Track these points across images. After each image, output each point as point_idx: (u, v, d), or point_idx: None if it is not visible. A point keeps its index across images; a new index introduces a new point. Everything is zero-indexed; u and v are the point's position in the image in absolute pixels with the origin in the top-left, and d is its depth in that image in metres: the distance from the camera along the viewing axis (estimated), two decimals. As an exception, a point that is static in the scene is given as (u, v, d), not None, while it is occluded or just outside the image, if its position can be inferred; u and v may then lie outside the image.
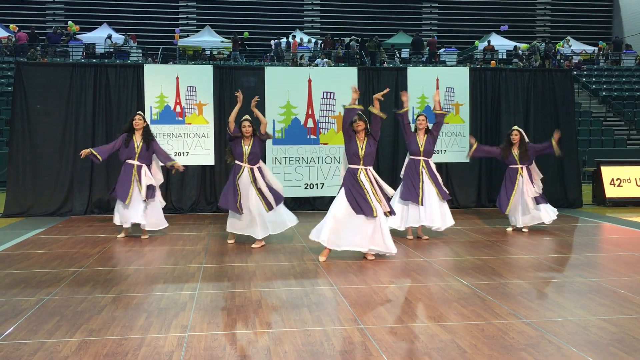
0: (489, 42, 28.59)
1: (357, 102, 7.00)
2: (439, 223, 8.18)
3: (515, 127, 9.13)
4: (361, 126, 6.77)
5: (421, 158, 8.25)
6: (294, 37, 27.82)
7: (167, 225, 8.45)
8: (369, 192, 6.72)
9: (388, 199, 6.89)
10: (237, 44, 26.21)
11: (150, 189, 8.23)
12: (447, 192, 8.39)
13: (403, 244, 7.95)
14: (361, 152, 6.78)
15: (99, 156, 8.15)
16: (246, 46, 27.56)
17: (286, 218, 7.77)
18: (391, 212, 6.89)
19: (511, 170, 8.94)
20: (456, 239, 8.36)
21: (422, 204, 8.14)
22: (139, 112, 8.61)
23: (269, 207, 7.55)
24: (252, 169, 7.56)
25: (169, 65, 17.97)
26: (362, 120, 6.78)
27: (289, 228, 7.85)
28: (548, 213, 8.85)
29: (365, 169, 6.83)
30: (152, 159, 8.33)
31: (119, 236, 8.40)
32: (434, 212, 8.16)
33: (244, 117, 7.65)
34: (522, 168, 8.87)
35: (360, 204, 6.66)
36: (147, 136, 8.21)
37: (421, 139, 8.28)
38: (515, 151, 8.86)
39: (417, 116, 8.49)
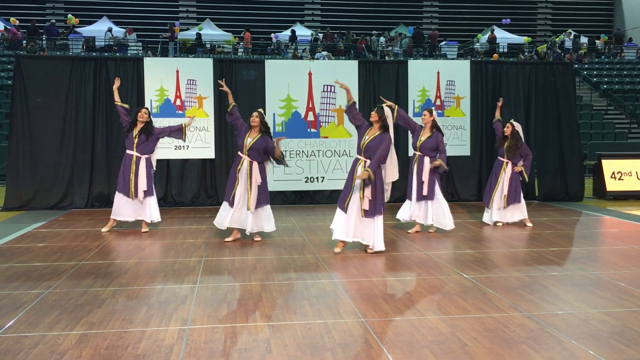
0: (492, 30, 28.52)
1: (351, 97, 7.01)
2: (421, 220, 8.20)
3: (511, 120, 8.90)
4: (374, 117, 6.72)
5: (417, 153, 8.16)
6: (247, 30, 27.58)
7: (160, 219, 8.43)
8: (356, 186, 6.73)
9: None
10: (173, 35, 26.00)
11: (148, 189, 8.19)
12: (425, 194, 8.05)
13: (403, 237, 7.94)
14: (362, 143, 6.75)
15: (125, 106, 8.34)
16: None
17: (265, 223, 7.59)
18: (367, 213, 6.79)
19: (498, 162, 8.92)
20: (456, 232, 8.35)
21: (410, 199, 8.25)
22: (147, 107, 8.60)
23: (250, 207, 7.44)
24: (251, 163, 7.46)
25: (169, 58, 17.94)
26: (377, 113, 6.72)
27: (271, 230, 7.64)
28: (513, 214, 8.88)
29: (365, 162, 6.77)
30: (152, 149, 8.27)
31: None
32: (416, 207, 8.18)
33: (257, 110, 7.57)
34: (506, 163, 8.82)
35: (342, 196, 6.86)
36: (148, 129, 8.18)
37: (425, 135, 8.11)
38: (505, 144, 8.76)
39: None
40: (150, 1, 31.84)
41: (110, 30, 25.96)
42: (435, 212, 8.12)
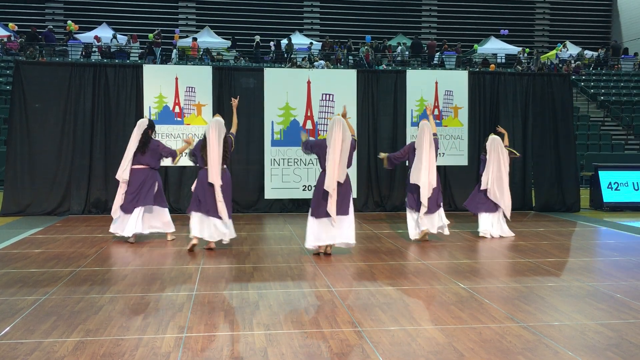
0: (444, 42, 28.97)
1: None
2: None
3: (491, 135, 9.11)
4: None
5: None
6: (195, 39, 27.52)
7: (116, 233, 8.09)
8: None
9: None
10: (159, 43, 25.92)
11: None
12: (416, 201, 8.13)
13: (402, 247, 7.95)
14: None
15: None
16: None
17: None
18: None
19: None
20: (453, 242, 8.36)
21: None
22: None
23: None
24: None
25: (168, 65, 17.97)
26: None
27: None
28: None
29: None
30: (145, 160, 8.30)
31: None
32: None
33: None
34: None
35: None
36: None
37: None
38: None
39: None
40: (150, 8, 31.93)
41: (115, 37, 25.99)
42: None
